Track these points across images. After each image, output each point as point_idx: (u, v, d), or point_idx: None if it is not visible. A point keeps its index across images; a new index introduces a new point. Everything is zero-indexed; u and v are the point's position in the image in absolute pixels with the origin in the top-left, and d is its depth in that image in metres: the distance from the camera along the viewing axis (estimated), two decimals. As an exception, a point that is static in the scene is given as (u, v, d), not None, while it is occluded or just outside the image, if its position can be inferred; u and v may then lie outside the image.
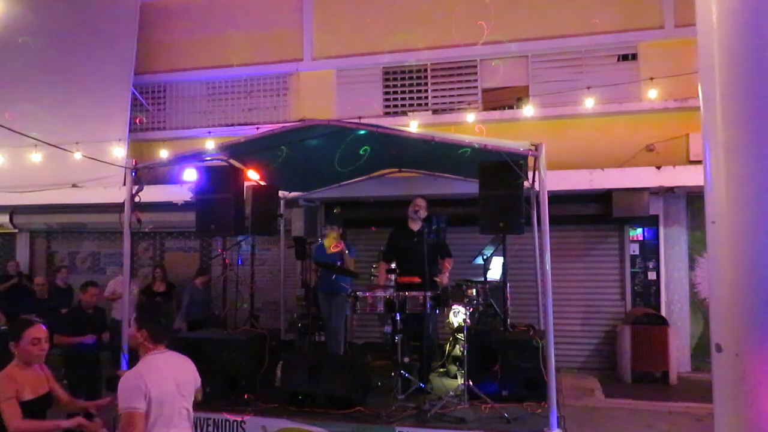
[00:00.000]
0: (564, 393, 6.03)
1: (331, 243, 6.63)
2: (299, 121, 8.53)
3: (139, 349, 3.02)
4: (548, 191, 4.73)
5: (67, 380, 5.71)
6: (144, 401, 2.75)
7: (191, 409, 3.09)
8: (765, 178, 1.89)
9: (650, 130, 8.11)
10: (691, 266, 8.30)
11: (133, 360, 3.30)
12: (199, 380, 3.23)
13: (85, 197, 9.08)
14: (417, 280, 5.39)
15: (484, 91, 8.94)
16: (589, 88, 7.75)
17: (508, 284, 6.13)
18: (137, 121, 9.88)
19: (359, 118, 8.46)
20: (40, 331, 3.45)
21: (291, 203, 8.30)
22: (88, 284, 6.24)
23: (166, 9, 10.16)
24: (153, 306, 3.42)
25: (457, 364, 6.29)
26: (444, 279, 5.89)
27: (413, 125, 8.11)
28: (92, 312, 6.18)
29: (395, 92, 9.24)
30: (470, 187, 6.28)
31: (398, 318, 5.26)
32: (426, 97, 9.13)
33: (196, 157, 6.06)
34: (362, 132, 5.44)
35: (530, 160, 5.24)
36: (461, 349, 5.63)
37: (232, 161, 6.09)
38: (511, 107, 8.69)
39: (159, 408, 2.82)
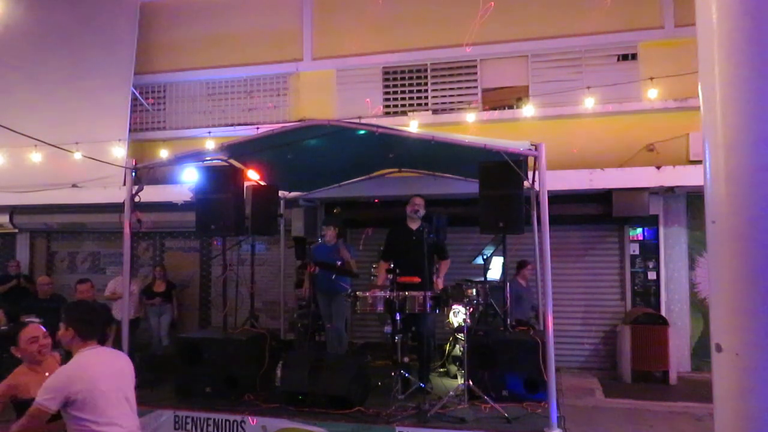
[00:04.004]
0: (564, 393, 6.04)
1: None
2: (299, 121, 8.53)
3: (71, 348, 3.09)
4: (548, 191, 4.73)
5: None
6: (58, 402, 2.84)
7: (132, 398, 3.18)
8: (765, 178, 1.89)
9: (650, 130, 8.10)
10: (691, 266, 8.30)
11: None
12: (133, 371, 3.30)
13: (85, 197, 9.08)
14: (417, 279, 5.39)
15: (484, 91, 8.93)
16: (589, 88, 7.75)
17: (508, 284, 6.13)
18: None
19: (359, 118, 8.45)
20: (35, 329, 3.51)
21: (291, 203, 8.30)
22: (77, 282, 6.25)
23: (166, 9, 10.15)
24: (80, 305, 3.49)
25: (457, 364, 6.29)
26: (439, 285, 5.89)
27: (413, 125, 8.12)
28: None
29: (395, 92, 9.23)
30: (470, 187, 6.28)
31: (398, 318, 5.26)
32: (426, 97, 9.13)
33: (196, 157, 6.06)
34: (362, 132, 5.44)
35: (530, 160, 5.25)
36: (461, 349, 5.63)
37: (232, 161, 6.09)
38: (511, 107, 8.68)
39: (95, 401, 2.90)
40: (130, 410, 3.13)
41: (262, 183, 6.93)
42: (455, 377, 6.25)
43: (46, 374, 3.42)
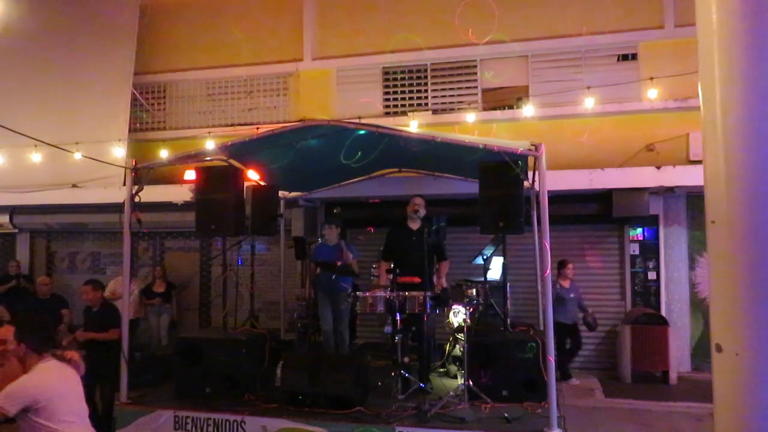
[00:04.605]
0: (564, 393, 6.03)
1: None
2: (299, 121, 8.53)
3: (25, 362, 3.20)
4: (548, 191, 4.73)
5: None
6: (17, 408, 2.97)
7: (84, 405, 3.34)
8: (765, 178, 1.89)
9: (650, 130, 8.11)
10: (691, 266, 8.30)
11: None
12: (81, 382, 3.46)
13: (85, 197, 9.08)
14: (417, 280, 5.39)
15: (484, 91, 8.93)
16: (589, 88, 7.75)
17: (508, 284, 6.12)
18: None
19: (359, 118, 8.45)
20: (6, 332, 3.56)
21: (291, 203, 8.30)
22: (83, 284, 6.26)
23: (166, 9, 10.15)
24: (30, 319, 3.53)
25: (457, 364, 6.29)
26: (443, 284, 5.89)
27: (413, 125, 8.11)
28: (97, 310, 6.17)
29: (395, 92, 9.23)
30: (470, 187, 6.28)
31: (398, 318, 5.25)
32: (426, 97, 9.13)
33: (196, 157, 6.06)
34: (362, 132, 5.44)
35: (530, 160, 5.24)
36: (461, 349, 5.63)
37: (232, 161, 6.09)
38: (511, 107, 8.68)
39: (54, 408, 3.05)
40: (85, 416, 3.30)
41: (262, 183, 6.93)
42: (455, 377, 6.24)
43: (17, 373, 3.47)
